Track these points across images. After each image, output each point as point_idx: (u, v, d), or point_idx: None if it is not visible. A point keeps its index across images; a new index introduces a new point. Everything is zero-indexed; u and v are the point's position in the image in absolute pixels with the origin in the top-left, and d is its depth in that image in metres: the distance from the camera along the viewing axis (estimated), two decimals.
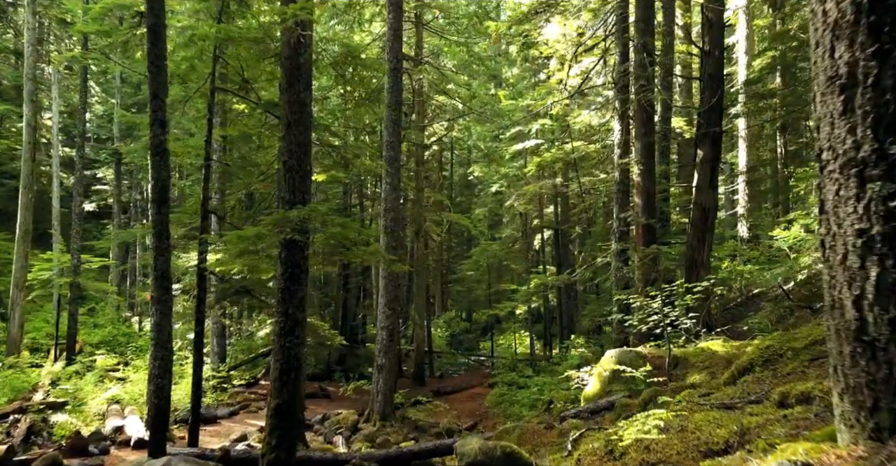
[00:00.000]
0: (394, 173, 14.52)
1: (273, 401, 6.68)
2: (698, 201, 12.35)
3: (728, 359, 7.71)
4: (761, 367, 5.47)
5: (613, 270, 13.02)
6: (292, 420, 6.73)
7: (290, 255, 6.91)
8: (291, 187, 7.00)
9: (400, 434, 13.82)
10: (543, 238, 28.21)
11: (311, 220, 6.70)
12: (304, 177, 7.07)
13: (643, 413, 3.70)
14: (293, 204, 6.87)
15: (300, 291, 6.96)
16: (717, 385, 6.36)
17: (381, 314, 14.49)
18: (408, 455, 8.27)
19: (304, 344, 7.00)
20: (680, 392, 6.65)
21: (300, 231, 6.66)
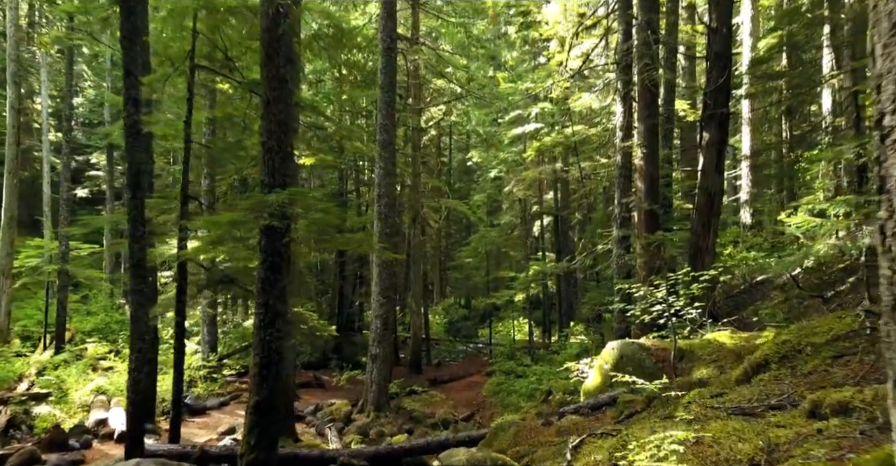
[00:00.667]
0: (388, 157, 14.02)
1: (252, 398, 6.26)
2: (703, 185, 11.85)
3: (737, 352, 7.28)
4: (777, 364, 5.03)
5: (615, 257, 12.57)
6: (273, 417, 6.32)
7: (269, 243, 6.45)
8: (271, 169, 6.52)
9: (394, 426, 13.47)
10: (543, 224, 27.73)
11: (292, 205, 6.24)
12: (284, 159, 6.59)
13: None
14: (273, 187, 6.40)
15: (281, 281, 6.51)
16: (727, 381, 5.93)
17: (376, 302, 14.07)
18: (399, 452, 7.88)
19: (285, 338, 6.57)
20: (688, 389, 6.23)
21: (279, 216, 6.20)
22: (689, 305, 8.53)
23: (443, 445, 7.89)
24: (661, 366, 7.85)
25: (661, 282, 8.11)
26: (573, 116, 21.91)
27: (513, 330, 27.33)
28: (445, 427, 13.75)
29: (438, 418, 14.17)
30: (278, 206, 6.18)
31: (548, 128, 22.38)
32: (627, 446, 3.61)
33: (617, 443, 3.76)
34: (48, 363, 16.12)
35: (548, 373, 17.04)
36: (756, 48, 19.76)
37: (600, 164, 21.77)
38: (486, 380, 18.72)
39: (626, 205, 12.63)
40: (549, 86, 16.51)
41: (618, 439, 3.85)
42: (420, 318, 21.60)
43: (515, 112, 25.02)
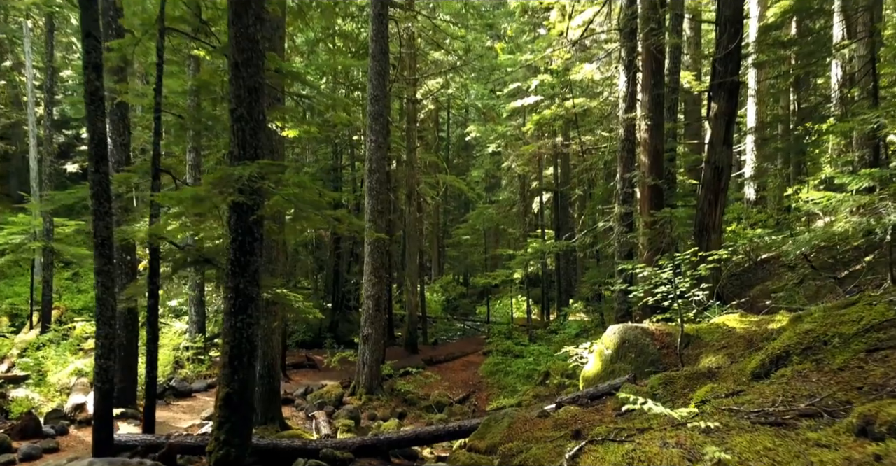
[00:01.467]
0: (379, 130, 13.35)
1: (222, 390, 5.74)
2: (711, 160, 11.23)
3: (748, 339, 6.76)
4: (800, 357, 4.49)
5: (616, 235, 12.01)
6: (245, 411, 5.81)
7: (239, 221, 5.87)
8: (241, 140, 5.91)
9: (387, 409, 13.07)
10: (542, 201, 27.13)
11: (262, 179, 5.64)
12: (255, 129, 5.97)
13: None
14: (243, 160, 5.80)
15: (253, 263, 5.95)
16: (741, 373, 5.41)
17: (367, 282, 13.54)
18: (385, 443, 7.40)
19: (258, 324, 6.03)
20: (696, 380, 5.71)
21: (248, 192, 5.61)
22: (696, 287, 8.00)
23: (433, 435, 7.42)
24: (665, 353, 7.34)
25: (666, 263, 7.57)
26: (574, 89, 21.15)
27: (511, 308, 26.92)
28: (440, 409, 13.34)
29: (433, 400, 13.75)
30: (247, 181, 5.58)
31: (548, 100, 21.62)
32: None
33: (623, 462, 3.22)
34: (33, 343, 15.67)
35: (545, 354, 16.62)
36: (764, 17, 18.96)
37: (601, 138, 21.09)
38: (483, 360, 18.33)
39: (628, 181, 12.02)
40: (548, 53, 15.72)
41: (623, 456, 3.31)
42: (416, 297, 21.11)
43: (514, 84, 24.24)
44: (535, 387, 14.13)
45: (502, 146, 26.35)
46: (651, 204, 11.46)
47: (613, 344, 7.72)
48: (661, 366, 7.17)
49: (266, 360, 10.47)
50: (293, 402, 13.05)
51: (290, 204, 5.90)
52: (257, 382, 10.47)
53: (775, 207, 22.09)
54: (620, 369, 7.45)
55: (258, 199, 5.62)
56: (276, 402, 10.76)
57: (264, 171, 5.67)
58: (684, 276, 7.59)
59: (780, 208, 21.63)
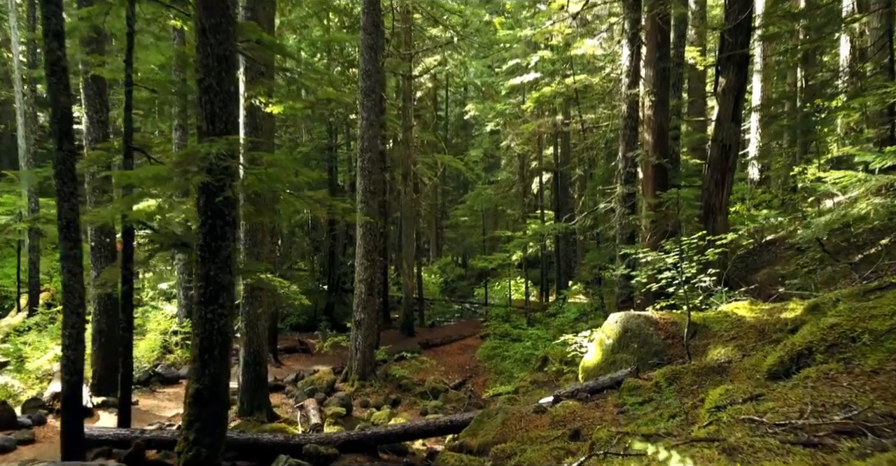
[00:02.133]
0: (371, 106, 12.77)
1: (192, 386, 5.30)
2: (718, 137, 10.69)
3: (759, 329, 6.30)
4: (825, 355, 4.03)
5: (618, 217, 11.51)
6: (217, 407, 5.37)
7: (209, 203, 5.37)
8: (209, 114, 5.38)
9: (380, 395, 12.69)
10: (542, 181, 26.56)
11: (232, 158, 5.13)
12: (225, 101, 5.44)
13: None
14: (212, 136, 5.29)
15: (224, 248, 5.46)
16: (755, 369, 4.96)
17: (360, 265, 13.08)
18: (372, 438, 6.99)
19: (231, 314, 5.56)
20: (705, 376, 5.26)
21: (216, 171, 5.10)
22: (702, 272, 7.54)
23: (422, 431, 7.01)
24: (669, 343, 6.89)
25: (672, 247, 7.09)
26: (574, 65, 20.47)
27: (509, 289, 26.47)
28: (435, 396, 12.98)
29: (428, 386, 13.38)
30: (215, 159, 5.07)
31: (548, 77, 20.95)
32: None
33: None
34: (19, 327, 15.27)
35: (544, 338, 16.23)
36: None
37: (603, 116, 20.47)
38: (481, 344, 17.95)
39: (631, 160, 11.49)
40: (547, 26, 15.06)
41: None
42: (412, 280, 20.68)
43: (514, 61, 23.54)
44: (532, 373, 13.74)
45: (501, 125, 25.73)
46: (655, 184, 10.94)
47: (615, 333, 7.27)
48: (666, 358, 6.73)
49: (252, 347, 10.05)
50: (283, 389, 12.68)
51: (262, 184, 5.40)
52: (243, 370, 10.09)
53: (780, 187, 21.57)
54: (622, 360, 7.02)
55: (226, 179, 5.11)
56: (263, 390, 10.38)
57: (234, 148, 5.16)
58: (690, 261, 7.12)
59: (785, 188, 21.10)
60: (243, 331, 10.08)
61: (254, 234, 9.98)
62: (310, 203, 5.79)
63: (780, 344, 4.89)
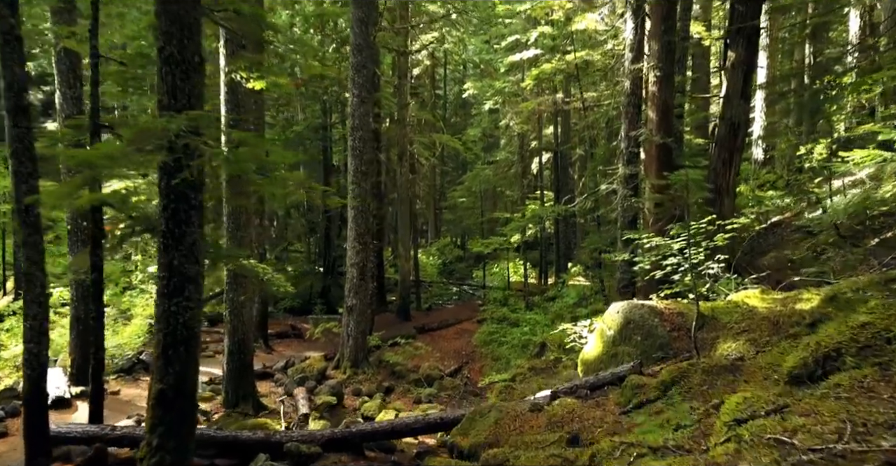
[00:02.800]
0: (362, 83, 12.18)
1: (155, 386, 4.85)
2: (726, 115, 10.16)
3: (773, 321, 5.84)
4: (856, 358, 3.57)
5: (620, 199, 11.01)
6: (184, 408, 4.93)
7: (171, 185, 4.87)
8: (170, 87, 4.86)
9: (373, 383, 12.31)
10: (542, 161, 25.97)
11: (195, 135, 4.62)
12: (188, 72, 4.91)
13: None
14: (175, 110, 4.77)
15: (190, 234, 4.97)
16: (770, 368, 4.51)
17: (351, 249, 12.60)
18: (357, 436, 6.57)
19: (199, 307, 5.10)
20: (716, 376, 4.81)
21: (177, 150, 4.59)
22: (710, 258, 7.08)
23: (411, 428, 6.59)
24: (675, 336, 6.44)
25: (679, 232, 6.61)
26: (575, 41, 19.76)
27: (507, 272, 26.00)
28: (429, 383, 12.60)
29: (422, 373, 13.00)
30: (175, 137, 4.56)
31: (548, 54, 20.26)
32: None
33: None
34: (2, 311, 14.85)
35: (542, 323, 15.83)
36: None
37: (604, 95, 19.82)
38: (478, 328, 17.56)
39: (634, 139, 10.94)
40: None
41: None
42: (409, 263, 20.22)
43: (513, 37, 22.83)
44: (530, 360, 13.35)
45: (500, 103, 25.06)
46: (659, 164, 10.42)
47: (617, 324, 6.82)
48: (671, 351, 6.28)
49: (236, 336, 9.62)
50: (273, 377, 12.28)
51: (231, 165, 4.88)
52: (227, 359, 9.68)
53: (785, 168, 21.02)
54: (624, 353, 6.57)
55: (185, 159, 4.60)
56: (249, 379, 9.97)
57: (198, 124, 4.64)
58: (697, 247, 6.64)
59: (790, 169, 20.56)
60: (227, 319, 9.65)
61: (237, 217, 9.48)
62: (285, 185, 5.28)
63: (801, 341, 4.44)
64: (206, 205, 8.84)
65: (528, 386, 11.57)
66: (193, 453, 5.06)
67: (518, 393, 11.29)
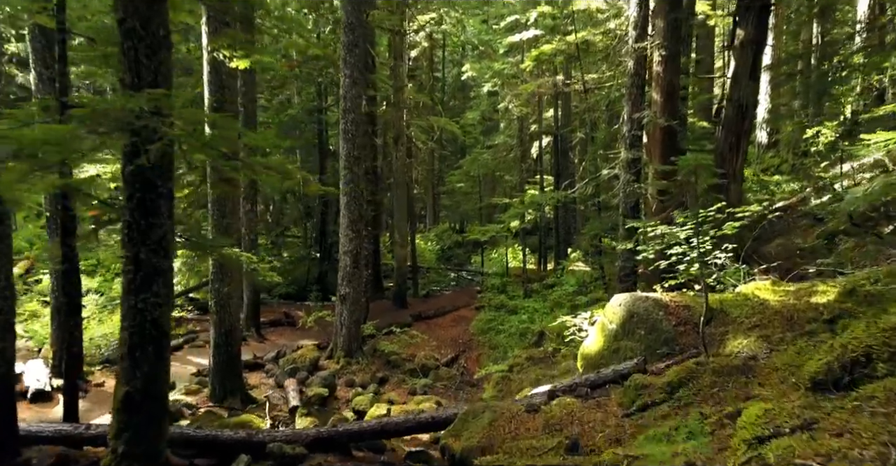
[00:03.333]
0: (353, 63, 11.71)
1: (120, 389, 4.49)
2: (733, 96, 9.71)
3: (786, 316, 5.47)
4: (889, 364, 3.20)
5: (622, 184, 10.58)
6: (154, 411, 4.58)
7: (138, 172, 4.47)
8: (133, 63, 4.43)
9: (367, 374, 12.00)
10: (541, 145, 25.47)
11: (159, 116, 4.20)
12: (154, 48, 4.48)
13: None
14: (138, 89, 4.35)
15: (158, 226, 4.57)
16: (787, 370, 4.14)
17: (344, 236, 12.21)
18: (345, 436, 6.23)
19: (169, 303, 4.72)
20: (728, 377, 4.44)
21: (140, 132, 4.18)
22: (718, 248, 6.69)
23: (401, 428, 6.24)
24: (681, 331, 6.07)
25: (687, 219, 6.21)
26: (576, 21, 19.20)
27: (506, 257, 25.63)
28: (425, 374, 12.30)
29: (418, 362, 12.69)
30: (136, 117, 4.15)
31: (548, 34, 19.70)
32: None
33: None
34: None
35: (541, 311, 15.50)
36: None
37: (605, 77, 19.29)
38: (475, 315, 17.23)
39: (637, 122, 10.49)
40: None
41: None
42: (405, 249, 19.83)
43: (512, 17, 22.23)
44: (528, 349, 13.03)
45: (499, 85, 24.52)
46: (663, 148, 10.00)
47: (619, 317, 6.45)
48: (677, 347, 5.92)
49: (223, 327, 9.26)
50: (263, 367, 11.96)
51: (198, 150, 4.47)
52: (213, 352, 9.34)
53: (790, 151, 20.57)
54: (627, 348, 6.21)
55: (143, 143, 4.19)
56: (237, 371, 9.64)
57: (162, 104, 4.22)
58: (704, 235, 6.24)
59: (795, 152, 20.11)
60: (213, 310, 9.29)
61: (222, 204, 9.07)
62: (260, 171, 4.88)
63: (819, 339, 4.06)
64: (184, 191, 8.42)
65: (525, 377, 11.25)
66: (163, 460, 4.71)
67: (515, 385, 10.97)
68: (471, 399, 11.36)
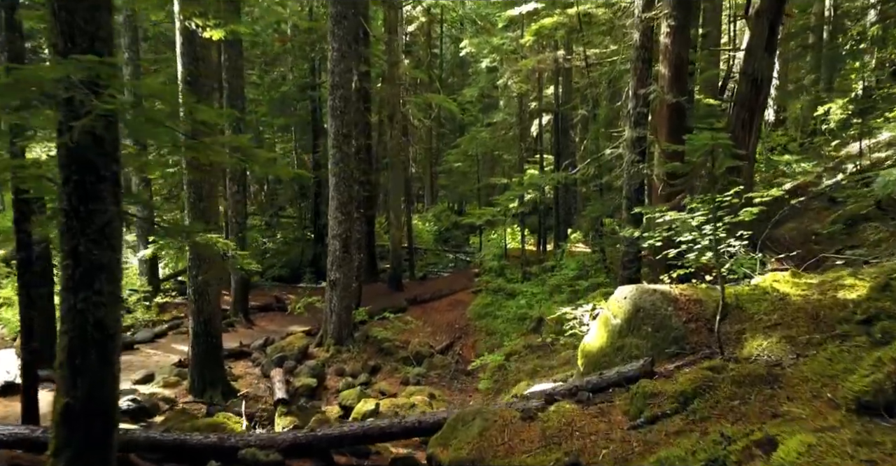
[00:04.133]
0: (342, 35, 11.01)
1: (59, 400, 3.96)
2: (747, 70, 9.06)
3: (811, 313, 4.92)
4: None
5: (626, 165, 9.96)
6: (99, 426, 4.05)
7: (77, 151, 3.88)
8: (67, 26, 3.81)
9: (358, 362, 11.52)
10: (542, 123, 24.74)
11: (96, 87, 3.60)
12: (91, 10, 3.85)
13: None
14: (72, 55, 3.74)
15: (100, 214, 3.99)
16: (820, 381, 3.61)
17: (333, 220, 11.63)
18: (324, 441, 5.72)
19: (117, 302, 4.16)
20: (750, 388, 3.91)
21: (74, 105, 3.59)
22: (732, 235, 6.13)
23: (384, 432, 5.73)
24: (692, 328, 5.52)
25: (697, 205, 5.64)
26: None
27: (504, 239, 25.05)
28: (419, 362, 11.82)
29: (411, 350, 12.21)
30: (66, 88, 3.54)
31: (548, 7, 18.87)
32: None
33: None
34: None
35: (540, 296, 14.98)
36: None
37: (608, 51, 18.53)
38: (472, 300, 16.73)
39: (643, 98, 9.83)
40: None
41: None
42: (400, 231, 19.29)
43: None
44: (526, 335, 12.56)
45: (498, 61, 23.70)
46: (670, 126, 9.38)
47: (623, 312, 5.90)
48: (688, 346, 5.38)
49: (201, 317, 8.74)
50: (250, 356, 11.47)
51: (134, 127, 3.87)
52: (192, 342, 8.83)
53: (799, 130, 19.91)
54: (632, 346, 5.68)
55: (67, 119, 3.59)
56: (218, 362, 9.13)
57: (100, 73, 3.62)
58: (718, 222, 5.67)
59: (804, 131, 19.44)
60: (191, 299, 8.76)
61: (198, 187, 8.48)
62: (217, 152, 4.28)
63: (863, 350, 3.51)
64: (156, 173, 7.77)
65: (522, 367, 10.76)
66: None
67: (512, 375, 10.50)
68: (465, 389, 10.91)
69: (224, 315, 13.94)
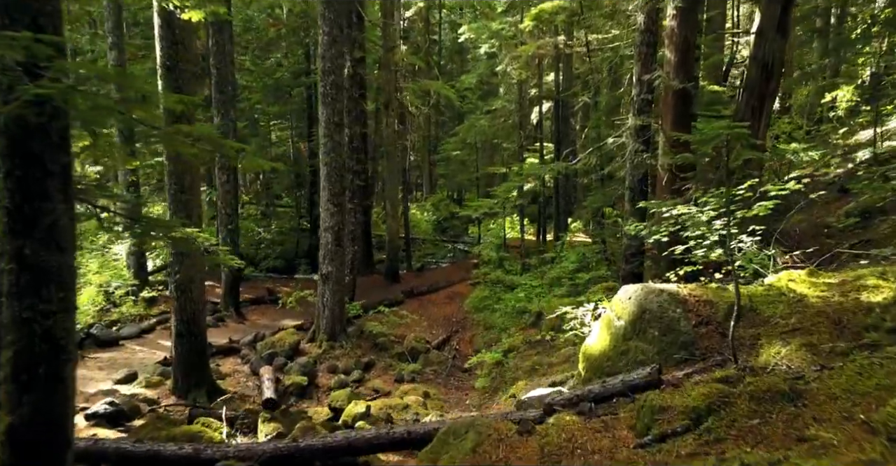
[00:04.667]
0: (333, 19, 10.52)
1: (5, 419, 3.57)
2: (758, 54, 8.58)
3: (833, 317, 4.53)
4: None
5: (629, 154, 9.54)
6: (50, 452, 3.67)
7: (20, 143, 3.46)
8: (3, 3, 3.40)
9: (351, 358, 11.16)
10: (542, 111, 24.24)
11: (37, 69, 3.18)
12: None
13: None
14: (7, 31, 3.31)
15: (48, 213, 3.58)
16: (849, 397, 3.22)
17: (325, 211, 11.21)
18: (306, 452, 5.35)
19: (69, 310, 3.76)
20: (771, 405, 3.52)
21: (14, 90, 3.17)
22: (744, 230, 5.73)
23: (371, 444, 5.35)
24: (702, 332, 5.13)
25: (708, 200, 5.23)
26: None
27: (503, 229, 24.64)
28: (414, 358, 11.46)
29: (406, 345, 11.85)
30: (3, 68, 3.12)
31: None
32: None
33: None
34: None
35: (539, 288, 14.60)
36: None
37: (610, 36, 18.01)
38: (470, 292, 16.37)
39: (648, 84, 9.39)
40: None
41: None
42: (397, 222, 18.86)
43: None
44: (525, 330, 12.19)
45: (497, 47, 23.14)
46: (676, 114, 8.93)
47: (628, 313, 5.50)
48: (697, 352, 4.99)
49: (184, 314, 8.34)
50: (239, 352, 11.09)
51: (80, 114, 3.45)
52: (175, 342, 8.44)
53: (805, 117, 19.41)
54: (637, 350, 5.28)
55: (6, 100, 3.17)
56: (203, 361, 8.75)
57: (38, 53, 3.19)
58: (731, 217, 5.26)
59: (811, 118, 18.96)
60: (173, 296, 8.37)
61: (180, 178, 8.05)
62: (183, 141, 3.86)
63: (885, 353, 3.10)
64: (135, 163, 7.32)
65: (521, 364, 10.39)
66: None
67: (510, 373, 10.13)
68: (462, 387, 10.55)
69: (214, 308, 13.59)
